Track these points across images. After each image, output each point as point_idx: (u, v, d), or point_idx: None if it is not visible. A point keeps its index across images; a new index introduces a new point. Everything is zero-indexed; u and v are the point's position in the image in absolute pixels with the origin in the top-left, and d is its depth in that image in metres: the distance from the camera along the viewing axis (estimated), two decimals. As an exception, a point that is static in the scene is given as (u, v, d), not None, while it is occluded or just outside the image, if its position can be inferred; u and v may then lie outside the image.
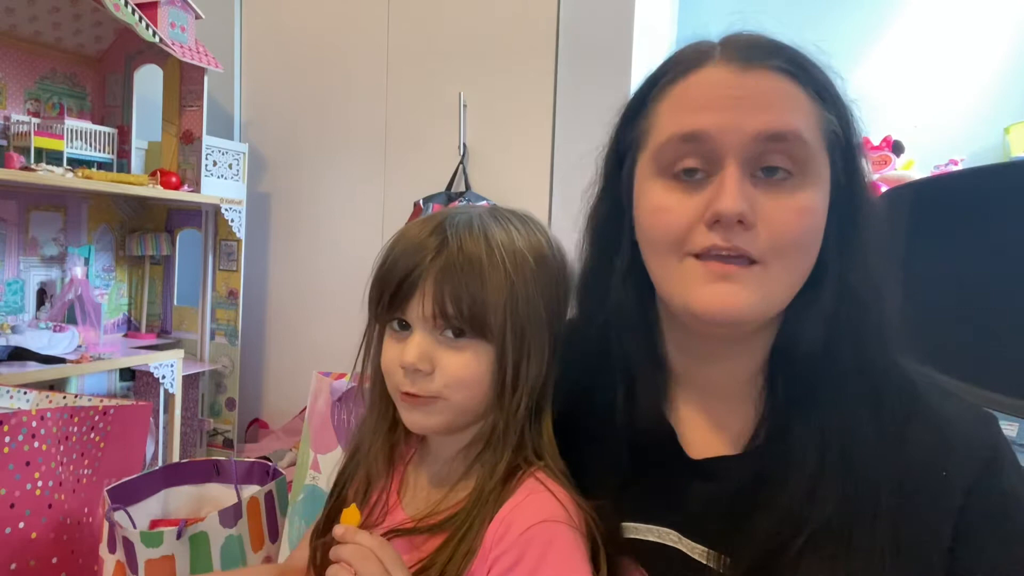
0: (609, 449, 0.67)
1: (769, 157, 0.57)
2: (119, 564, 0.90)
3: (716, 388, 0.66)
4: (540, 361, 0.67)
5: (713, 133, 0.57)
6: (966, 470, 0.59)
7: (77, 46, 2.21)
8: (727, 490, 0.61)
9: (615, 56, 1.95)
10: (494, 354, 0.65)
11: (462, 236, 0.65)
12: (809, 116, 0.58)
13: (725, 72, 0.58)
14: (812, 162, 0.57)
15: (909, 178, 2.03)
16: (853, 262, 0.60)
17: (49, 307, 2.12)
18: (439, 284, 0.64)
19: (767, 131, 0.56)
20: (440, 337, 0.66)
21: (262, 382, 2.53)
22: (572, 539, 0.61)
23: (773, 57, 0.58)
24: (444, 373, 0.65)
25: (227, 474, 1.08)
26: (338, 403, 1.17)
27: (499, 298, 0.64)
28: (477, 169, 2.15)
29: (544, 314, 0.67)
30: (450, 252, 0.65)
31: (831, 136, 0.59)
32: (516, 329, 0.65)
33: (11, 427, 0.96)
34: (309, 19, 2.38)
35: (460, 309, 0.64)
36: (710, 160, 0.58)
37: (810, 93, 0.58)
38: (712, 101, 0.58)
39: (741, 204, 0.55)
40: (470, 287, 0.64)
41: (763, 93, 0.57)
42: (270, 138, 2.47)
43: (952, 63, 2.25)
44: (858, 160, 0.61)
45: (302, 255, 2.45)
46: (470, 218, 0.68)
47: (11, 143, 1.95)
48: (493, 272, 0.64)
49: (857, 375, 0.60)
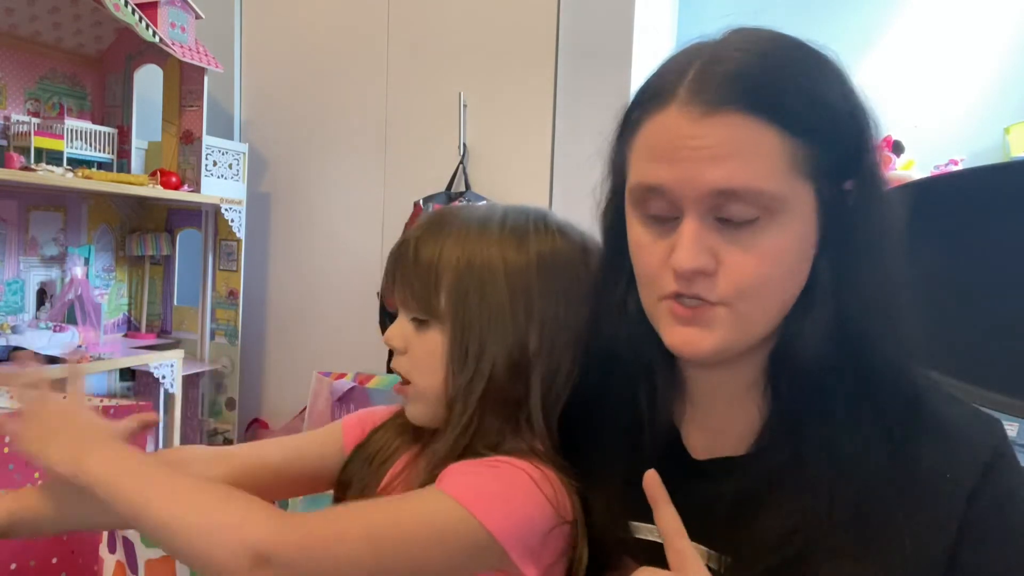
0: (614, 448, 0.67)
1: (726, 209, 0.56)
2: (119, 564, 0.91)
3: (719, 391, 0.66)
4: (501, 349, 0.68)
5: (671, 187, 0.56)
6: (969, 472, 0.58)
7: (77, 46, 2.21)
8: (730, 491, 0.61)
9: (615, 56, 1.95)
10: (447, 336, 0.69)
11: (425, 227, 0.72)
12: (774, 158, 0.55)
13: (683, 120, 0.56)
14: (779, 202, 0.56)
15: (909, 178, 2.03)
16: (858, 272, 0.59)
17: (49, 307, 2.12)
18: (396, 271, 0.72)
19: (720, 188, 0.55)
20: (410, 323, 0.71)
21: (262, 382, 2.53)
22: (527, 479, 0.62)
23: (738, 97, 0.55)
24: (412, 354, 0.71)
25: (227, 474, 1.08)
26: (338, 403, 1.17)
27: (447, 280, 0.68)
28: (477, 169, 2.15)
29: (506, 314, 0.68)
30: (408, 243, 0.72)
31: (812, 165, 0.56)
32: (468, 309, 0.68)
33: (11, 427, 0.96)
34: (309, 19, 2.38)
35: (410, 294, 0.70)
36: (673, 208, 0.58)
37: (779, 128, 0.55)
38: (669, 153, 0.57)
39: (696, 261, 0.56)
40: (419, 272, 0.69)
41: (719, 143, 0.55)
42: (270, 138, 2.47)
43: (952, 63, 2.25)
44: (865, 168, 0.59)
45: (302, 255, 2.45)
46: (448, 217, 0.73)
47: (11, 143, 1.95)
48: (442, 257, 0.69)
49: (861, 379, 0.60)
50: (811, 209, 0.58)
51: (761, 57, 0.57)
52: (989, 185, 1.19)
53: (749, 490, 0.60)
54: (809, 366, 0.59)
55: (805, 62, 0.58)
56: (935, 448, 0.59)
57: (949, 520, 0.58)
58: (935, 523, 0.58)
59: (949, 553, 0.57)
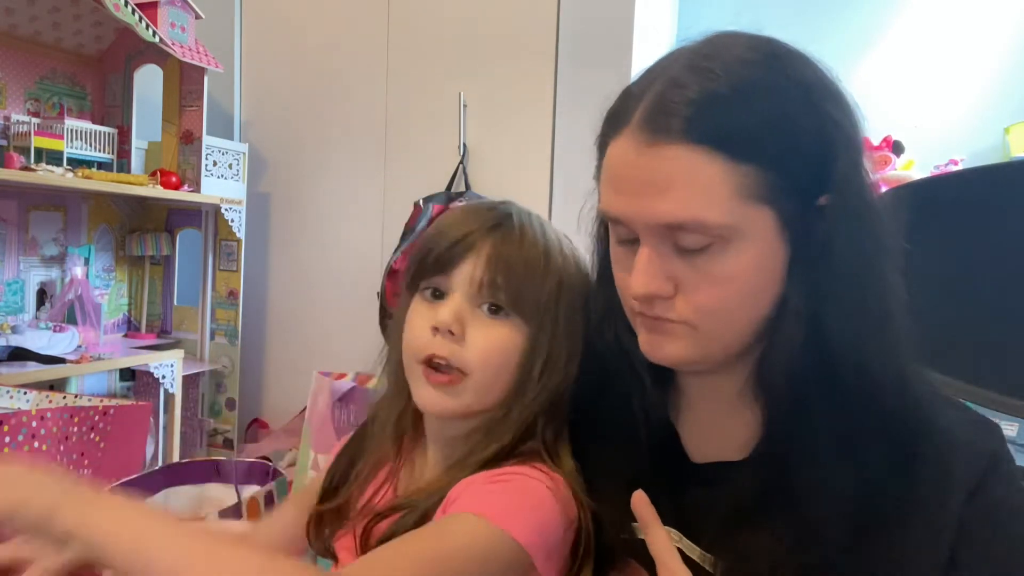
0: (615, 450, 0.67)
1: (679, 238, 0.56)
2: (119, 564, 0.90)
3: (712, 396, 0.66)
4: (568, 360, 0.68)
5: (626, 217, 0.58)
6: (967, 477, 0.58)
7: (77, 46, 2.21)
8: (727, 496, 0.61)
9: (615, 56, 1.95)
10: (527, 337, 0.67)
11: (524, 220, 0.69)
12: (719, 188, 0.54)
13: (631, 149, 0.56)
14: (729, 230, 0.55)
15: (909, 178, 2.03)
16: (839, 281, 0.57)
17: (49, 307, 2.12)
18: (496, 251, 0.66)
19: (666, 222, 0.55)
20: (477, 310, 0.66)
21: (262, 382, 2.53)
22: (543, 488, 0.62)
23: (682, 128, 0.54)
24: (474, 345, 0.65)
25: (227, 474, 1.08)
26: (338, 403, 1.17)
27: (550, 285, 0.67)
28: (477, 169, 2.15)
29: (579, 318, 0.69)
30: (513, 228, 0.68)
31: (764, 188, 0.54)
32: (556, 319, 0.67)
33: (11, 427, 0.96)
34: (309, 19, 2.38)
35: (511, 281, 0.66)
36: (632, 234, 0.59)
37: (727, 157, 0.53)
38: (621, 184, 0.58)
39: (648, 287, 0.57)
40: (528, 264, 0.66)
41: (664, 177, 0.54)
42: (270, 138, 2.47)
43: (952, 63, 2.25)
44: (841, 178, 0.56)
45: (302, 255, 2.45)
46: (529, 211, 0.72)
47: (11, 143, 1.95)
48: (549, 259, 0.68)
49: (850, 387, 0.59)
50: (771, 231, 0.56)
51: (717, 82, 0.54)
52: (989, 185, 1.19)
53: (746, 496, 0.60)
54: (790, 377, 0.59)
55: (765, 80, 0.55)
56: (933, 454, 0.59)
57: (947, 526, 0.58)
58: (933, 529, 0.57)
59: (947, 558, 0.57)
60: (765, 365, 0.61)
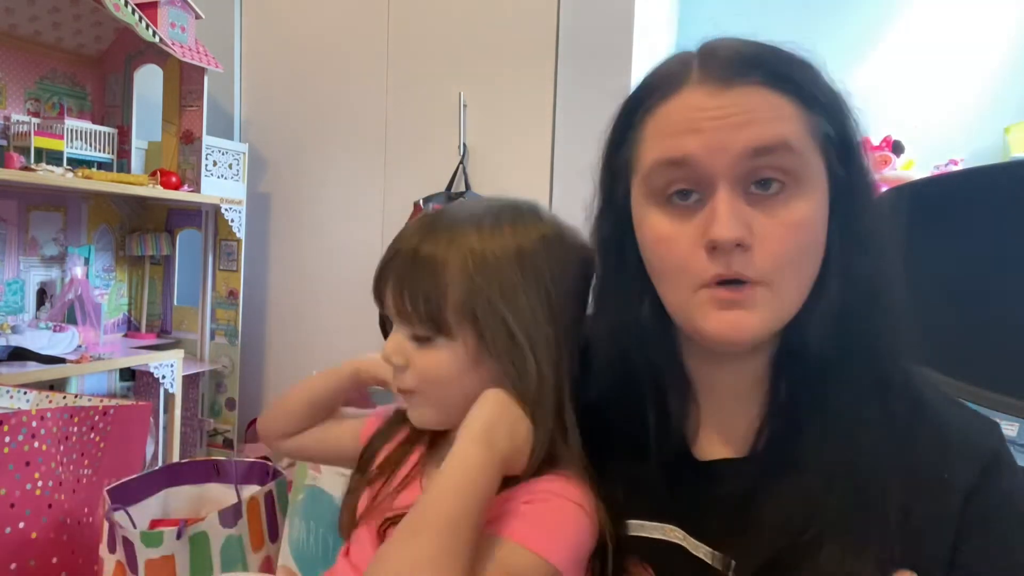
0: (619, 449, 0.67)
1: (760, 171, 0.56)
2: (119, 564, 0.90)
3: (724, 389, 0.66)
4: (546, 358, 0.65)
5: (700, 156, 0.56)
6: (967, 473, 0.59)
7: (77, 46, 2.21)
8: (732, 493, 0.61)
9: (615, 56, 1.95)
10: (469, 351, 0.65)
11: (423, 237, 0.67)
12: (796, 123, 0.56)
13: (704, 94, 0.57)
14: (805, 169, 0.57)
15: (909, 178, 2.03)
16: (859, 260, 0.59)
17: (49, 307, 2.12)
18: (398, 283, 0.66)
19: (753, 146, 0.55)
20: (412, 334, 0.67)
21: (262, 382, 2.53)
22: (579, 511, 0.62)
23: (752, 70, 0.57)
24: (415, 369, 0.67)
25: (227, 474, 1.08)
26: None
27: (458, 297, 0.64)
28: (477, 169, 2.15)
29: (537, 311, 0.65)
30: (409, 252, 0.66)
31: (823, 138, 0.58)
32: (492, 327, 0.64)
33: (11, 427, 0.96)
34: (309, 19, 2.38)
35: (418, 308, 0.65)
36: (700, 183, 0.57)
37: (794, 100, 0.57)
38: (694, 124, 0.57)
39: (735, 230, 0.55)
40: (424, 286, 0.64)
41: (745, 110, 0.56)
42: (270, 138, 2.47)
43: (952, 63, 2.25)
44: (858, 156, 0.60)
45: (302, 255, 2.45)
46: (443, 217, 0.69)
47: (11, 143, 1.95)
48: (450, 272, 0.64)
49: (863, 378, 0.60)
50: (824, 183, 0.58)
51: (759, 44, 0.59)
52: (989, 185, 1.19)
53: (752, 491, 0.60)
54: (815, 359, 0.60)
55: (798, 52, 0.60)
56: (935, 447, 0.60)
57: (947, 519, 0.58)
58: (933, 520, 0.58)
59: (949, 553, 0.58)
60: (793, 345, 0.61)
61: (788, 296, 0.58)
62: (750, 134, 0.55)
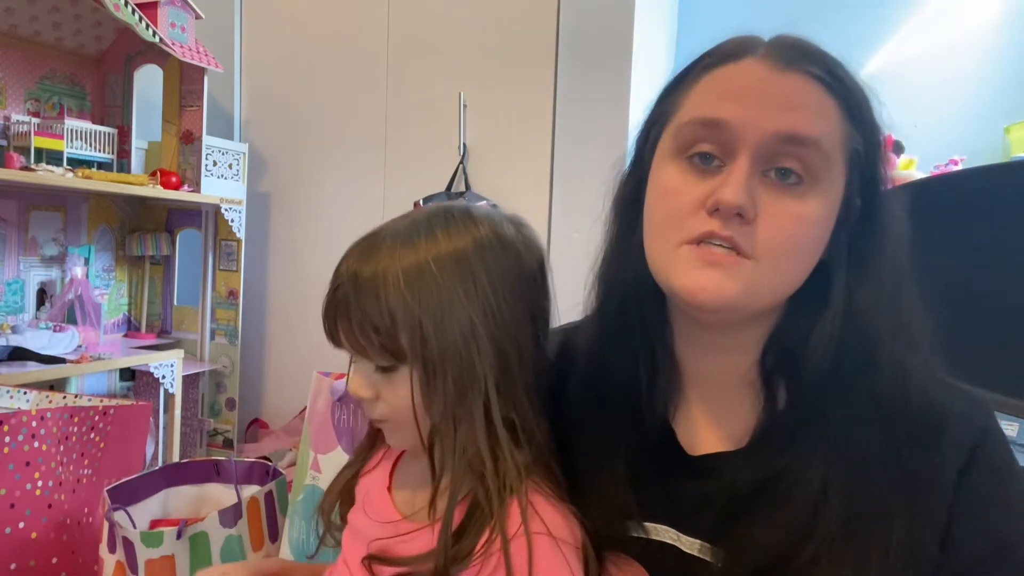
0: (608, 446, 0.67)
1: (783, 159, 0.57)
2: (119, 564, 0.90)
3: (715, 382, 0.66)
4: (473, 374, 0.62)
5: (734, 124, 0.57)
6: (958, 452, 0.60)
7: (77, 46, 2.21)
8: (724, 488, 0.61)
9: (615, 56, 1.95)
10: (420, 376, 0.62)
11: (361, 260, 0.66)
12: (834, 127, 0.58)
13: (762, 68, 0.59)
14: (825, 172, 0.58)
15: (909, 178, 2.03)
16: (863, 282, 0.60)
17: (49, 307, 2.12)
18: (346, 315, 0.66)
19: (787, 132, 0.56)
20: (375, 365, 0.65)
21: (262, 382, 2.53)
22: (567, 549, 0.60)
23: (813, 63, 0.59)
24: (385, 401, 0.66)
25: (227, 474, 1.08)
26: (338, 403, 1.17)
27: (402, 319, 0.61)
28: (477, 169, 2.15)
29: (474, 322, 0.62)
30: (351, 278, 0.66)
31: (853, 153, 0.59)
32: (430, 348, 0.61)
33: (11, 427, 0.96)
34: (309, 19, 2.38)
35: (371, 340, 0.63)
36: (726, 149, 0.58)
37: (841, 106, 0.59)
38: (741, 92, 0.58)
39: (743, 197, 0.56)
40: (371, 314, 0.63)
41: (793, 95, 0.57)
42: (270, 138, 2.47)
43: (952, 63, 2.25)
44: (879, 184, 0.61)
45: (302, 255, 2.45)
46: (378, 234, 0.68)
47: (11, 143, 1.95)
48: (391, 292, 0.62)
49: (856, 374, 0.60)
50: (839, 193, 0.60)
51: (827, 51, 0.61)
52: (989, 185, 1.19)
53: (743, 486, 0.60)
54: (804, 358, 0.60)
55: (859, 74, 0.62)
56: (924, 433, 0.60)
57: (941, 503, 0.59)
58: (928, 508, 0.58)
59: (943, 529, 0.58)
60: (784, 338, 0.62)
61: (770, 282, 0.59)
62: (789, 120, 0.57)
